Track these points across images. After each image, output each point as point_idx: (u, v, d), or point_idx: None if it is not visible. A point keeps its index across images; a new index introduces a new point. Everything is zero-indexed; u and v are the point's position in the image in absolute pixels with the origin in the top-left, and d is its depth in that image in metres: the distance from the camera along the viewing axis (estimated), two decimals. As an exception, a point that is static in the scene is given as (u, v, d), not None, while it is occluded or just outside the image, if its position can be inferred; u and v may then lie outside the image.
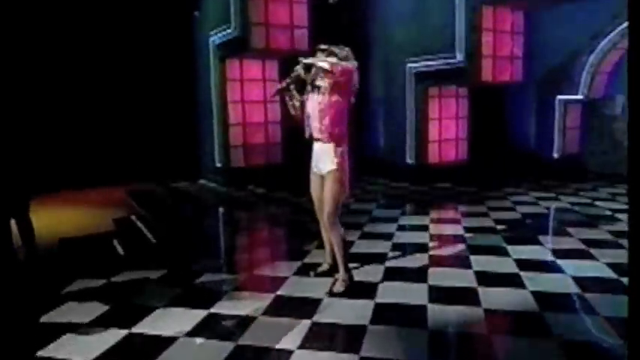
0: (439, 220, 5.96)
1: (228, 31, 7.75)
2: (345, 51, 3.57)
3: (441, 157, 8.46)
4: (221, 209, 7.22)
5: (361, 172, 7.83)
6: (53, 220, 5.98)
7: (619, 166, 8.03)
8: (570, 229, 5.26)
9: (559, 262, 4.23)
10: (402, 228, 5.48)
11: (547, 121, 8.41)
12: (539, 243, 4.81)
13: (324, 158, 3.55)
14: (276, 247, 5.41)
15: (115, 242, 5.15)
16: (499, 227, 5.42)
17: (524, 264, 4.16)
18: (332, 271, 3.90)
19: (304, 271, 4.06)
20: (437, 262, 4.29)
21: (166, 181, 8.69)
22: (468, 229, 5.33)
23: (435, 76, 7.78)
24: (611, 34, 7.43)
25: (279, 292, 3.62)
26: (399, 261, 4.33)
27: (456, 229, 5.36)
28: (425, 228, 5.44)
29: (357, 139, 6.72)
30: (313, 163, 3.67)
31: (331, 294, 3.54)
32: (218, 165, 8.63)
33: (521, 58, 7.75)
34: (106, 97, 8.38)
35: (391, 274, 3.96)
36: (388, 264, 4.23)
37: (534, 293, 3.48)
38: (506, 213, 6.11)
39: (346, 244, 3.72)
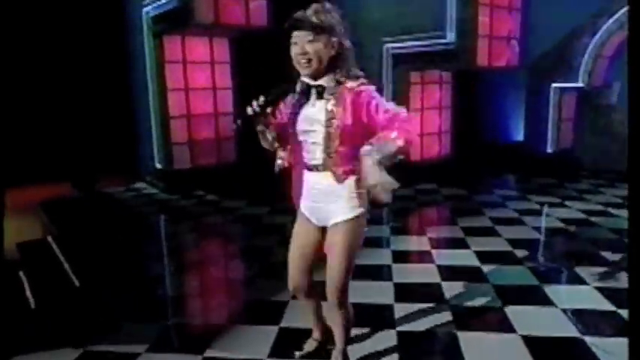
0: (440, 243, 4.77)
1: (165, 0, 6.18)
2: (339, 15, 2.08)
3: (423, 154, 7.31)
4: (159, 226, 5.75)
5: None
6: None
7: (615, 162, 7.19)
8: (606, 254, 4.23)
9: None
10: (400, 258, 4.25)
11: (539, 111, 7.41)
12: (583, 281, 3.71)
13: (335, 202, 2.15)
14: (236, 296, 4.02)
15: (25, 282, 3.64)
16: (519, 253, 4.30)
17: (581, 316, 3.06)
18: (321, 349, 2.66)
19: (285, 345, 2.77)
20: (465, 324, 3.10)
21: (95, 185, 7.06)
22: (484, 258, 4.17)
23: (419, 58, 6.55)
24: (619, 13, 6.44)
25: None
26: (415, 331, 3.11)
27: (472, 260, 4.18)
28: (428, 256, 4.25)
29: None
30: (305, 205, 2.27)
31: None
32: (158, 166, 7.10)
33: (518, 39, 6.65)
34: (22, 84, 6.60)
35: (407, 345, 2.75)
36: (400, 328, 3.01)
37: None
38: (517, 230, 5.01)
39: (352, 323, 2.45)
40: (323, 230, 2.25)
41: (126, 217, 5.86)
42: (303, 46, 2.00)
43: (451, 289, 3.58)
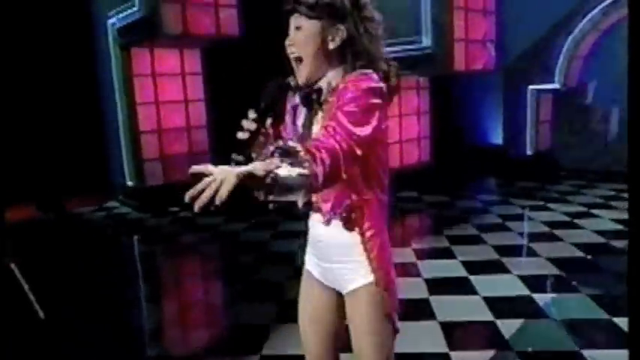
0: (425, 254, 4.61)
1: (131, 10, 5.93)
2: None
3: (402, 161, 7.19)
4: (131, 248, 5.47)
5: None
6: None
7: (593, 162, 7.18)
8: (593, 258, 4.14)
9: None
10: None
11: (517, 113, 7.36)
12: (574, 289, 3.59)
13: (340, 259, 1.50)
14: (214, 323, 3.77)
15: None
16: (507, 261, 4.17)
17: (577, 327, 2.93)
18: None
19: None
20: (457, 343, 2.93)
21: (63, 206, 6.72)
22: (471, 268, 4.02)
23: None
24: (592, 12, 6.44)
25: None
26: None
27: (459, 271, 4.02)
28: (414, 269, 4.09)
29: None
30: (310, 259, 1.63)
31: None
32: (130, 184, 6.81)
33: (494, 42, 6.59)
34: None
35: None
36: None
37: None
38: (502, 236, 4.90)
39: None
40: (338, 295, 1.57)
41: (95, 240, 5.57)
42: (291, 36, 1.43)
43: (440, 304, 3.42)
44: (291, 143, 1.29)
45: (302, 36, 1.40)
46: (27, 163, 6.68)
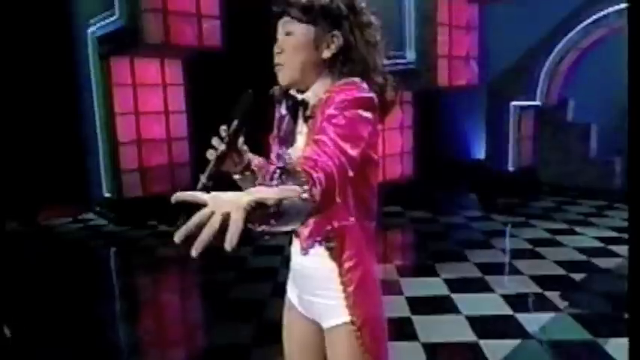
0: (408, 271, 4.55)
1: (112, 19, 5.82)
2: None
3: (385, 175, 7.14)
4: (106, 263, 5.30)
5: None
6: None
7: (573, 178, 7.25)
8: (575, 276, 4.12)
9: None
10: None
11: (499, 129, 7.40)
12: (556, 308, 3.54)
13: (318, 292, 1.37)
14: (192, 343, 3.64)
15: None
16: (489, 279, 4.13)
17: (560, 348, 2.88)
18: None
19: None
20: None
21: (35, 217, 6.51)
22: (454, 286, 3.96)
23: (379, 79, 6.42)
24: (573, 32, 6.53)
25: None
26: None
27: (442, 290, 3.95)
28: (396, 287, 4.01)
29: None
30: (291, 288, 1.49)
31: None
32: (107, 195, 6.63)
33: (477, 58, 6.63)
34: None
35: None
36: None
37: None
38: (485, 254, 4.86)
39: None
40: (320, 331, 1.42)
41: (69, 254, 5.38)
42: (279, 39, 1.29)
43: (423, 324, 3.35)
44: (288, 161, 1.22)
45: (293, 42, 1.25)
46: (2, 172, 6.48)
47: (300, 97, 1.30)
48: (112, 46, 6.05)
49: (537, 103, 7.01)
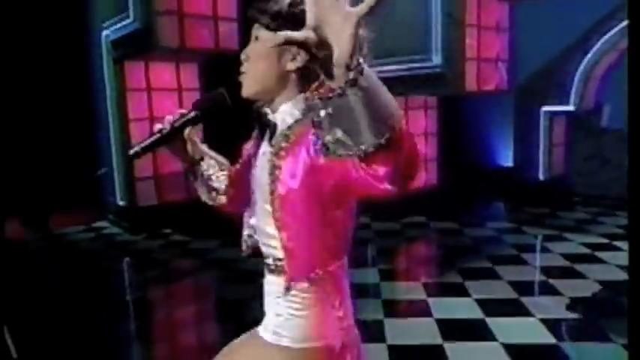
0: (436, 290, 4.22)
1: (126, 22, 5.62)
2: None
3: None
4: (119, 276, 5.07)
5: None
6: None
7: (608, 189, 6.84)
8: (623, 300, 3.75)
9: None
10: (393, 311, 3.68)
11: (529, 136, 7.02)
12: (606, 338, 3.19)
13: (280, 316, 1.24)
14: None
15: None
16: (527, 301, 3.78)
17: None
18: None
19: None
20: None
21: (47, 224, 6.35)
22: (488, 308, 3.63)
23: (402, 83, 6.11)
24: (611, 32, 6.13)
25: None
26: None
27: (474, 312, 3.62)
28: (425, 308, 3.70)
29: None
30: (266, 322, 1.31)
31: None
32: (121, 203, 6.45)
33: (507, 61, 6.27)
34: None
35: None
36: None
37: None
38: (518, 271, 4.51)
39: None
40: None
41: (80, 266, 5.18)
42: (248, 48, 1.23)
43: (455, 351, 3.04)
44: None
45: (257, 50, 1.19)
46: (15, 177, 6.34)
47: (270, 116, 1.21)
48: (126, 50, 5.87)
49: (570, 108, 6.61)
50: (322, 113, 0.80)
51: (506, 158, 7.57)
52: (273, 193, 1.16)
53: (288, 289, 1.19)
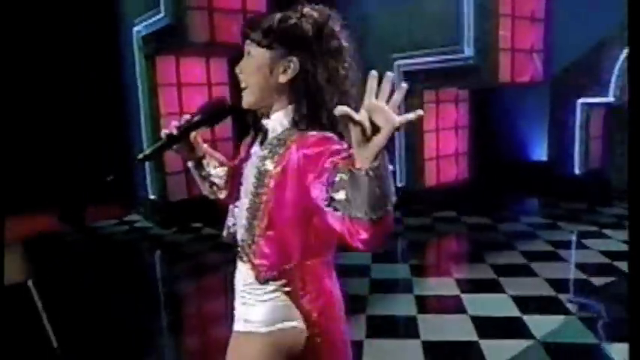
0: (469, 286, 4.12)
1: (157, 17, 5.67)
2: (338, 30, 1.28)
3: (439, 178, 6.73)
4: (152, 269, 5.16)
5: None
6: None
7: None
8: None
9: None
10: (426, 307, 3.62)
11: (564, 129, 6.82)
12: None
13: (250, 305, 1.33)
14: None
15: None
16: (565, 299, 3.67)
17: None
18: None
19: None
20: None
21: (83, 218, 6.49)
22: (524, 305, 3.53)
23: (434, 75, 6.01)
24: (653, 20, 5.87)
25: None
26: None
27: (510, 309, 3.53)
28: (459, 304, 3.62)
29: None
30: (237, 316, 1.42)
31: None
32: (152, 197, 6.54)
33: (543, 52, 6.08)
34: (9, 103, 6.05)
35: None
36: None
37: None
38: (555, 268, 4.38)
39: None
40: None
41: (115, 258, 5.28)
42: (241, 62, 1.32)
43: (492, 349, 2.97)
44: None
45: (250, 64, 1.27)
46: (51, 171, 6.51)
47: (264, 121, 1.31)
48: (157, 45, 5.93)
49: (609, 99, 6.39)
50: (338, 177, 1.01)
51: (541, 151, 7.37)
52: (257, 195, 1.27)
53: (257, 278, 1.27)
